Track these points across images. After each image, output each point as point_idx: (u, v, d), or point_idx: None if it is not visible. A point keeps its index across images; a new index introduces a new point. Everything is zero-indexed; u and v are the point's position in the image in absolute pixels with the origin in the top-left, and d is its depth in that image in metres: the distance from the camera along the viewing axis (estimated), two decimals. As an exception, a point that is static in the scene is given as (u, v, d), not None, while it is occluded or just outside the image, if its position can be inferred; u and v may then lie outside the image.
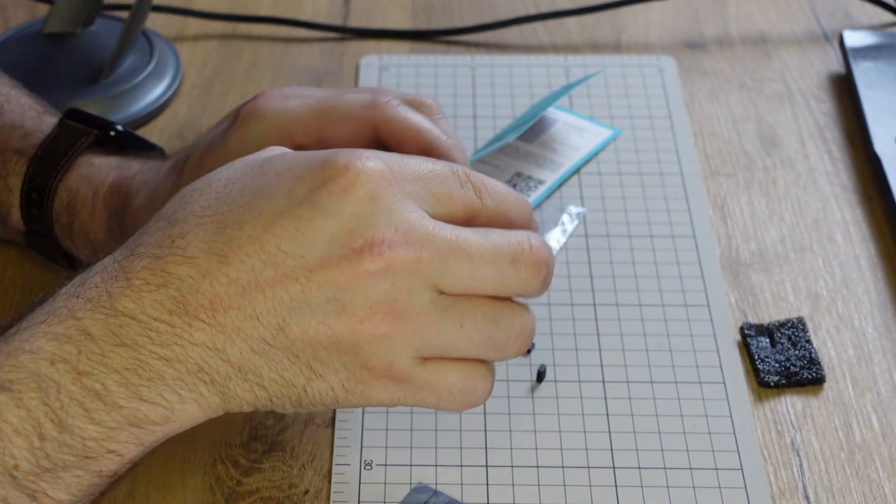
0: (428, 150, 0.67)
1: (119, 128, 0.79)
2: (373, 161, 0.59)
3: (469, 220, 0.61)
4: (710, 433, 0.72)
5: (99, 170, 0.77)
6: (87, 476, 0.58)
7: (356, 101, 0.69)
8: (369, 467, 0.70)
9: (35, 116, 0.79)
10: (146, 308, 0.57)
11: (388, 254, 0.58)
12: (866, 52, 0.98)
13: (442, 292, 0.59)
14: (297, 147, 0.66)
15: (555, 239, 0.83)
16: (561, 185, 0.88)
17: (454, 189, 0.61)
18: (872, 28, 1.04)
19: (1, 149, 0.78)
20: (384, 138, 0.69)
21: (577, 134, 0.92)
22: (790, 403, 0.74)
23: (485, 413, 0.73)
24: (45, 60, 0.96)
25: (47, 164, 0.77)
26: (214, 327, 0.58)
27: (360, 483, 0.69)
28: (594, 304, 0.79)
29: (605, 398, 0.74)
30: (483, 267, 0.60)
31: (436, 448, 0.71)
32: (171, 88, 0.96)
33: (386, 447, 0.71)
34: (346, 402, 0.61)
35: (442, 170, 0.61)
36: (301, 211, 0.57)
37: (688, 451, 0.71)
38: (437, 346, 0.60)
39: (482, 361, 0.62)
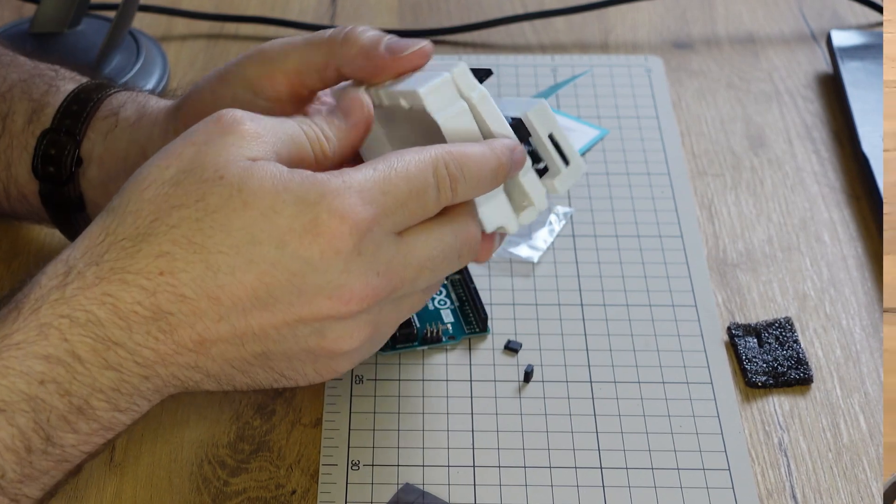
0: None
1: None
2: (362, 208, 0.60)
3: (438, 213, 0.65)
4: (697, 433, 0.72)
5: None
6: (60, 475, 0.61)
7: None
8: (356, 467, 0.70)
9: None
10: (135, 336, 0.59)
11: (371, 298, 0.61)
12: (854, 51, 0.98)
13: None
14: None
15: (542, 239, 0.83)
16: (548, 184, 0.88)
17: (430, 201, 0.63)
18: (860, 28, 1.04)
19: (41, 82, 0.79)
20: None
21: (564, 134, 0.92)
22: (778, 404, 0.74)
23: (472, 413, 0.73)
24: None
25: (92, 86, 0.77)
26: (200, 354, 0.61)
27: (347, 483, 0.69)
28: (581, 305, 0.79)
29: (593, 398, 0.74)
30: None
31: (423, 448, 0.71)
32: (158, 88, 0.96)
33: (373, 447, 0.71)
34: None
35: (423, 184, 0.62)
36: (293, 265, 0.59)
37: (675, 451, 0.71)
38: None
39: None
